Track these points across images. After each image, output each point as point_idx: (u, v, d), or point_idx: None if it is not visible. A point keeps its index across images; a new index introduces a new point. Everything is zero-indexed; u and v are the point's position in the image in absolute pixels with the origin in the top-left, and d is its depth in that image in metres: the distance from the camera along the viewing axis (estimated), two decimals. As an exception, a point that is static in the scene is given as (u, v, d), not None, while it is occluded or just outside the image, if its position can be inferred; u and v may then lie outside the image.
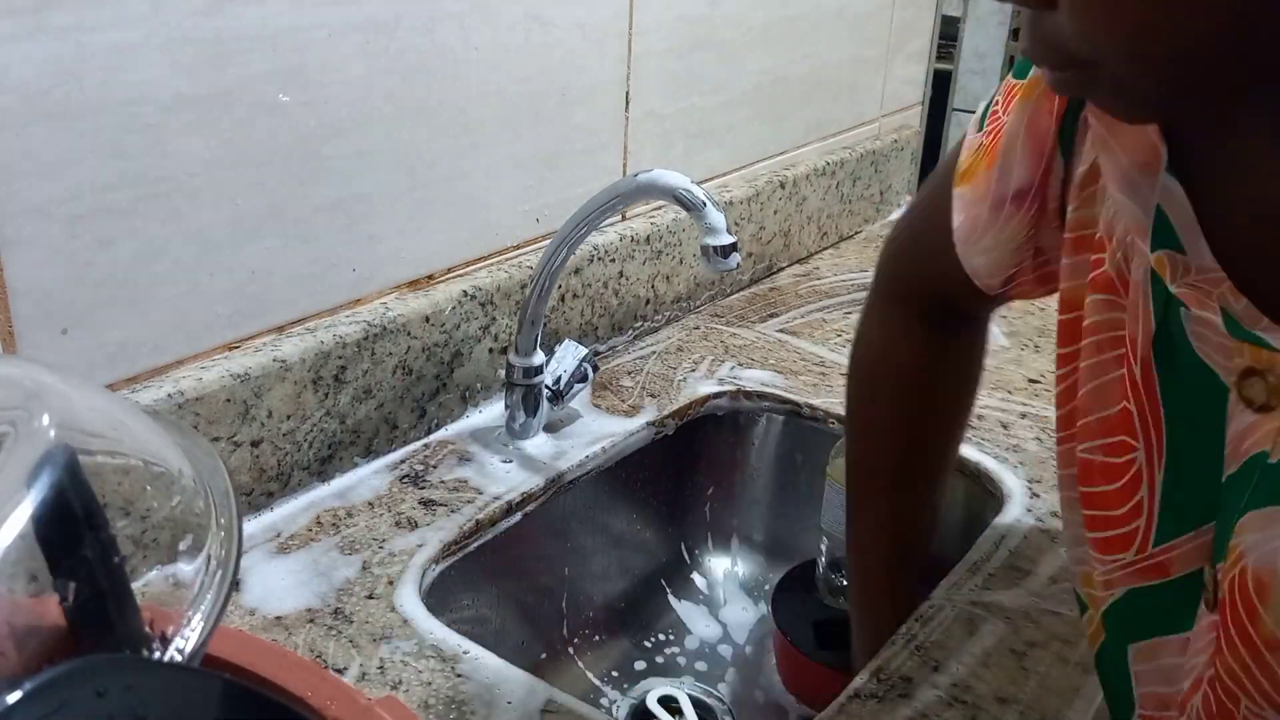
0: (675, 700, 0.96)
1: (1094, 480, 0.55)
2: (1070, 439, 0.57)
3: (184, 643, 0.39)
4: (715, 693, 0.99)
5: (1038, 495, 0.93)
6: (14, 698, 0.31)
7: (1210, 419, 0.47)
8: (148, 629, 0.39)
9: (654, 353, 1.16)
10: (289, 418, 0.85)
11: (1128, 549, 0.53)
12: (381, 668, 0.71)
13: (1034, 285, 0.66)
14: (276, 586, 0.78)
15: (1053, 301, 1.37)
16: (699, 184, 0.84)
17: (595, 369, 1.00)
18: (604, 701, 0.98)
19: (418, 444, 0.96)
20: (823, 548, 0.97)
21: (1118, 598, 0.55)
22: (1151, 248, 0.47)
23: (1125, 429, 0.53)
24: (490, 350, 1.01)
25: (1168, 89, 0.43)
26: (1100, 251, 0.54)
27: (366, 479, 0.91)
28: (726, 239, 0.83)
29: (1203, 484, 0.49)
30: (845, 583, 0.90)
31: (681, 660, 1.03)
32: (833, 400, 1.07)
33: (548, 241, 0.94)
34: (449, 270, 0.98)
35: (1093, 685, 0.72)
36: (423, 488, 0.90)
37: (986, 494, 0.97)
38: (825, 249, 1.50)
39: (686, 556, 1.13)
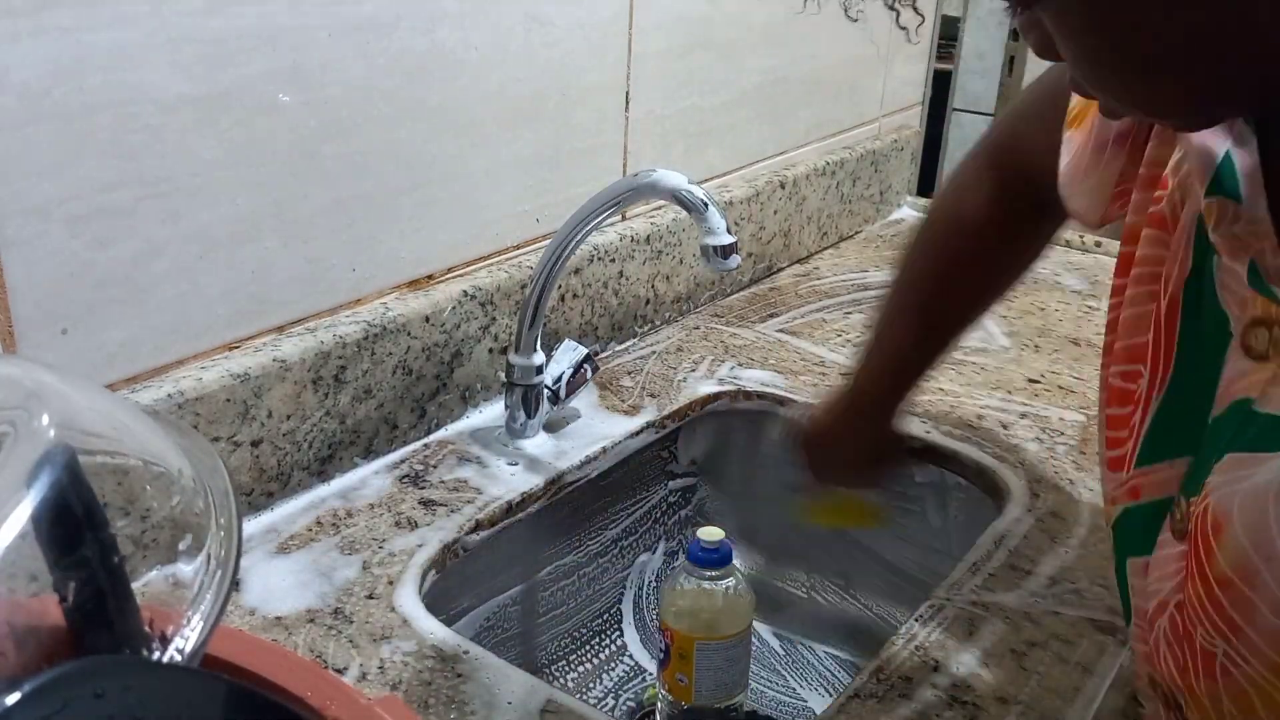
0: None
1: (1111, 403, 0.59)
2: (1107, 365, 0.60)
3: (184, 643, 0.39)
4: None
5: (1038, 495, 0.93)
6: (13, 699, 0.31)
7: (1215, 362, 0.50)
8: (148, 629, 0.39)
9: (654, 353, 1.16)
10: (289, 418, 0.85)
11: (1122, 469, 0.57)
12: (381, 668, 0.71)
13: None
14: (276, 586, 0.78)
15: (1052, 303, 1.36)
16: (699, 184, 0.84)
17: (595, 369, 1.00)
18: (604, 701, 0.98)
19: (418, 444, 0.96)
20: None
21: (1118, 515, 0.58)
22: (1206, 193, 0.49)
23: (1142, 358, 0.56)
24: (490, 350, 1.01)
25: (1190, 122, 0.47)
26: (1163, 189, 0.56)
27: (366, 479, 0.91)
28: (727, 239, 0.83)
29: (1189, 420, 0.52)
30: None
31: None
32: (833, 400, 1.07)
33: (548, 241, 0.94)
34: (449, 270, 0.98)
35: (1093, 685, 0.72)
36: (423, 488, 0.90)
37: (986, 494, 0.97)
38: (825, 249, 1.50)
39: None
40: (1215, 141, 0.50)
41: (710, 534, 0.83)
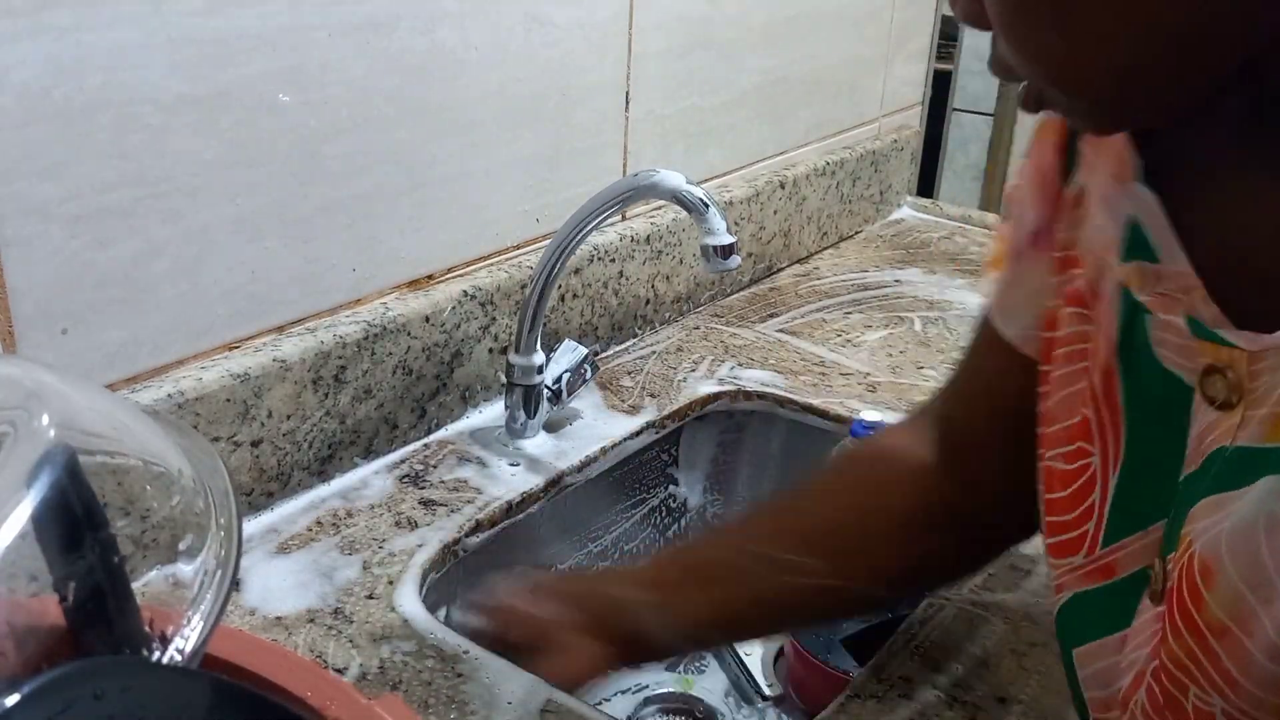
0: (674, 699, 0.96)
1: (1053, 487, 0.55)
2: (1041, 455, 0.57)
3: (184, 643, 0.39)
4: (715, 692, 0.99)
5: (1038, 495, 0.92)
6: (13, 700, 0.31)
7: (1171, 423, 0.48)
8: (148, 629, 0.39)
9: (654, 353, 1.16)
10: (289, 418, 0.85)
11: (1077, 552, 0.54)
12: (381, 668, 0.71)
13: None
14: (276, 586, 0.78)
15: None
16: (699, 184, 0.84)
17: (595, 369, 1.00)
18: (604, 702, 0.98)
19: (418, 444, 0.96)
20: None
21: (1064, 601, 0.55)
22: (1122, 259, 0.48)
23: (1084, 436, 0.53)
24: (490, 350, 1.01)
25: (1110, 107, 0.44)
26: (1079, 268, 0.54)
27: (367, 479, 0.91)
28: (726, 239, 0.83)
29: (1158, 486, 0.49)
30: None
31: (682, 660, 1.03)
32: (832, 400, 1.07)
33: (548, 241, 0.94)
34: (449, 270, 0.98)
35: (1093, 685, 0.72)
36: (423, 488, 0.90)
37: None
38: (825, 249, 1.50)
39: (686, 556, 1.13)
40: (1115, 209, 0.48)
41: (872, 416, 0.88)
